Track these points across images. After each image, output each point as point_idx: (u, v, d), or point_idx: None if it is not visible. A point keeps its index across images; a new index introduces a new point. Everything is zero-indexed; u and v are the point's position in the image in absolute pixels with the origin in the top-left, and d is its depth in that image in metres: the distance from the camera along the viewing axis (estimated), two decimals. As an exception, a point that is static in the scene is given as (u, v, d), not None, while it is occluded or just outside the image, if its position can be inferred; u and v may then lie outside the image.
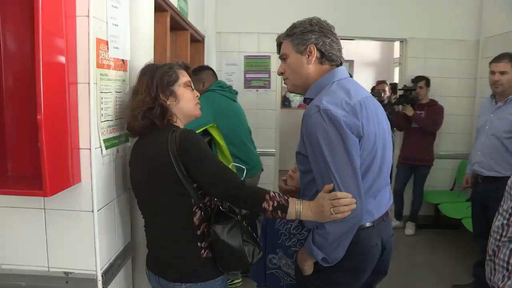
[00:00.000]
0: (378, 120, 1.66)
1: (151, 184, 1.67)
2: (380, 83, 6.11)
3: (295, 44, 1.72)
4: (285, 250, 1.87)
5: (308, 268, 1.67)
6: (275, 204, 1.58)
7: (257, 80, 5.09)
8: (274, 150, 5.18)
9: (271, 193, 1.59)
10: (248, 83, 5.13)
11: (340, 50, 1.75)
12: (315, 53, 1.70)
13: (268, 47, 4.99)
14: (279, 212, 1.58)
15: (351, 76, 1.81)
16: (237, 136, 3.39)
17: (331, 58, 1.71)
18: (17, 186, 1.57)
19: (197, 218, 1.67)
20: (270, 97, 5.12)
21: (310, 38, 1.69)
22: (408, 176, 5.05)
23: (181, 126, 1.80)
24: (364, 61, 8.32)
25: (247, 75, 5.10)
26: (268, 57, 5.04)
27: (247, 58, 5.05)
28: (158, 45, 3.03)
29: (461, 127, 5.20)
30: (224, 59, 5.03)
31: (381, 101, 5.46)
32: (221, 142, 3.31)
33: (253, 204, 1.60)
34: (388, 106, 5.36)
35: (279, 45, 1.80)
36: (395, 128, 5.23)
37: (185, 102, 1.79)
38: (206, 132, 3.27)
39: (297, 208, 1.59)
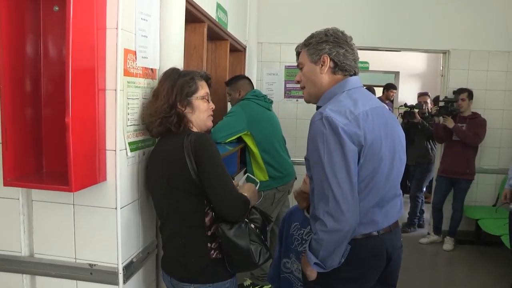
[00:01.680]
0: (387, 130, 1.65)
1: (166, 184, 1.74)
2: (422, 95, 5.97)
3: (310, 54, 1.75)
4: (297, 255, 1.90)
5: (310, 273, 1.68)
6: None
7: (297, 90, 5.11)
8: None
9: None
10: (288, 93, 5.16)
11: (355, 60, 1.75)
12: (328, 63, 1.72)
13: (309, 58, 4.98)
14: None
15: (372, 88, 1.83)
16: (270, 144, 3.43)
17: (344, 68, 1.72)
18: (48, 181, 1.66)
19: (209, 219, 1.73)
20: (309, 107, 5.04)
21: (324, 48, 1.72)
22: (447, 190, 4.90)
23: None
24: (410, 73, 8.11)
25: (288, 85, 5.14)
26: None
27: (287, 68, 5.09)
28: (196, 55, 3.18)
29: (506, 141, 4.98)
30: (265, 68, 5.09)
31: (422, 112, 5.33)
32: (254, 149, 3.36)
33: (243, 210, 1.71)
34: (429, 118, 5.24)
35: (298, 54, 1.84)
36: (427, 140, 5.13)
37: (200, 113, 1.87)
38: (240, 140, 3.34)
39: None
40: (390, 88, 7.33)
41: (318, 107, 1.75)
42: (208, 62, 3.77)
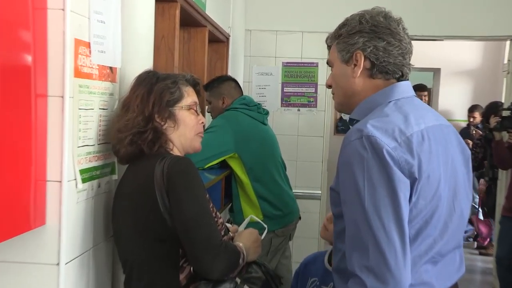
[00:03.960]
0: (448, 159, 1.66)
1: (131, 227, 1.77)
2: (472, 110, 6.08)
3: (340, 50, 1.77)
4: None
5: None
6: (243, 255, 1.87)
7: (299, 95, 5.11)
8: (320, 192, 5.12)
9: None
10: (286, 100, 5.14)
11: (403, 55, 1.75)
12: (362, 63, 1.72)
13: (315, 51, 4.96)
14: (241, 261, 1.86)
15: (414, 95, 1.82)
16: (265, 170, 3.43)
17: (385, 69, 1.73)
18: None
19: (185, 275, 1.76)
20: (317, 119, 5.12)
21: (356, 42, 1.72)
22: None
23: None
24: (456, 70, 8.12)
25: (286, 89, 5.13)
26: (315, 65, 5.05)
27: (286, 65, 5.08)
28: (164, 47, 3.21)
29: None
30: (255, 66, 5.08)
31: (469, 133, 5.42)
32: (244, 178, 3.36)
33: (230, 265, 1.79)
34: (486, 133, 5.25)
35: (329, 48, 1.87)
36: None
37: (185, 129, 1.94)
38: (224, 165, 3.34)
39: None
40: (416, 90, 7.34)
41: (352, 120, 1.77)
42: (179, 57, 3.73)
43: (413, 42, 1.78)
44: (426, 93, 7.32)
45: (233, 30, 4.71)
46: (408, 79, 1.80)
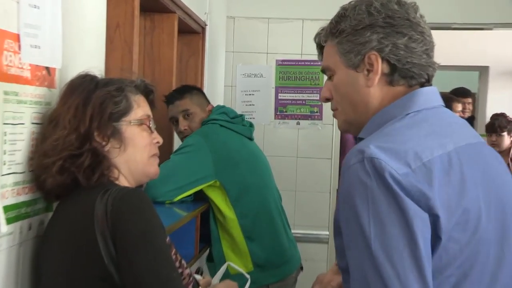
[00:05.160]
0: (490, 188, 1.64)
1: (65, 282, 1.75)
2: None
3: (343, 52, 1.77)
4: None
5: None
6: None
7: (298, 104, 5.14)
8: (328, 234, 5.09)
9: None
10: (282, 110, 5.18)
11: (428, 53, 1.76)
12: (379, 67, 1.72)
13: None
14: None
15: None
16: (257, 202, 3.45)
17: (409, 72, 1.73)
18: None
19: None
20: (322, 136, 5.14)
21: (368, 40, 1.72)
22: None
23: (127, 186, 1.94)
24: (510, 69, 8.09)
25: (282, 96, 5.16)
26: (320, 64, 5.01)
27: (281, 64, 5.11)
28: (119, 40, 3.21)
29: None
30: (240, 65, 5.11)
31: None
32: (228, 212, 3.36)
33: None
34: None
35: (320, 48, 1.87)
36: None
37: (135, 152, 1.94)
38: (200, 196, 3.35)
39: None
40: (457, 96, 7.24)
41: (357, 139, 1.77)
42: (140, 54, 3.73)
43: (456, 30, 1.78)
44: (470, 99, 7.37)
45: (211, 17, 4.72)
46: (431, 84, 1.80)
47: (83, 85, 1.91)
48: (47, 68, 1.97)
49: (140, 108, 1.96)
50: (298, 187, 4.95)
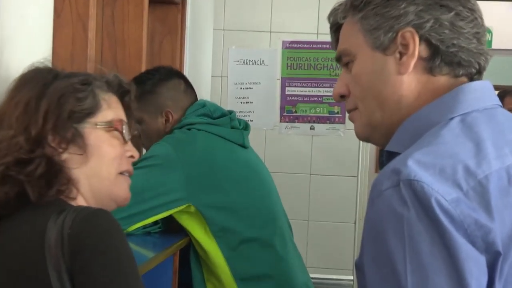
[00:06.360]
0: None
1: None
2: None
3: (369, 29, 1.68)
4: None
5: None
6: None
7: (313, 102, 5.02)
8: (352, 279, 4.89)
9: None
10: (290, 110, 5.08)
11: (479, 38, 1.64)
12: (416, 48, 1.61)
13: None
14: None
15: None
16: (256, 230, 3.15)
17: (455, 58, 1.63)
18: None
19: None
20: (345, 146, 5.08)
21: (403, 13, 1.63)
22: None
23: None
24: None
25: (290, 90, 5.06)
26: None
27: (290, 47, 5.01)
28: (69, 14, 3.04)
29: None
30: (233, 48, 5.09)
31: None
32: (209, 247, 3.06)
33: None
34: None
35: (335, 29, 1.79)
36: None
37: (101, 164, 1.85)
38: (172, 225, 3.17)
39: None
40: (507, 95, 7.32)
41: (388, 155, 1.70)
42: (97, 32, 3.44)
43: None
44: None
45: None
46: (482, 78, 1.72)
47: (38, 77, 1.83)
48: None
49: (111, 110, 1.86)
50: (312, 216, 4.85)
